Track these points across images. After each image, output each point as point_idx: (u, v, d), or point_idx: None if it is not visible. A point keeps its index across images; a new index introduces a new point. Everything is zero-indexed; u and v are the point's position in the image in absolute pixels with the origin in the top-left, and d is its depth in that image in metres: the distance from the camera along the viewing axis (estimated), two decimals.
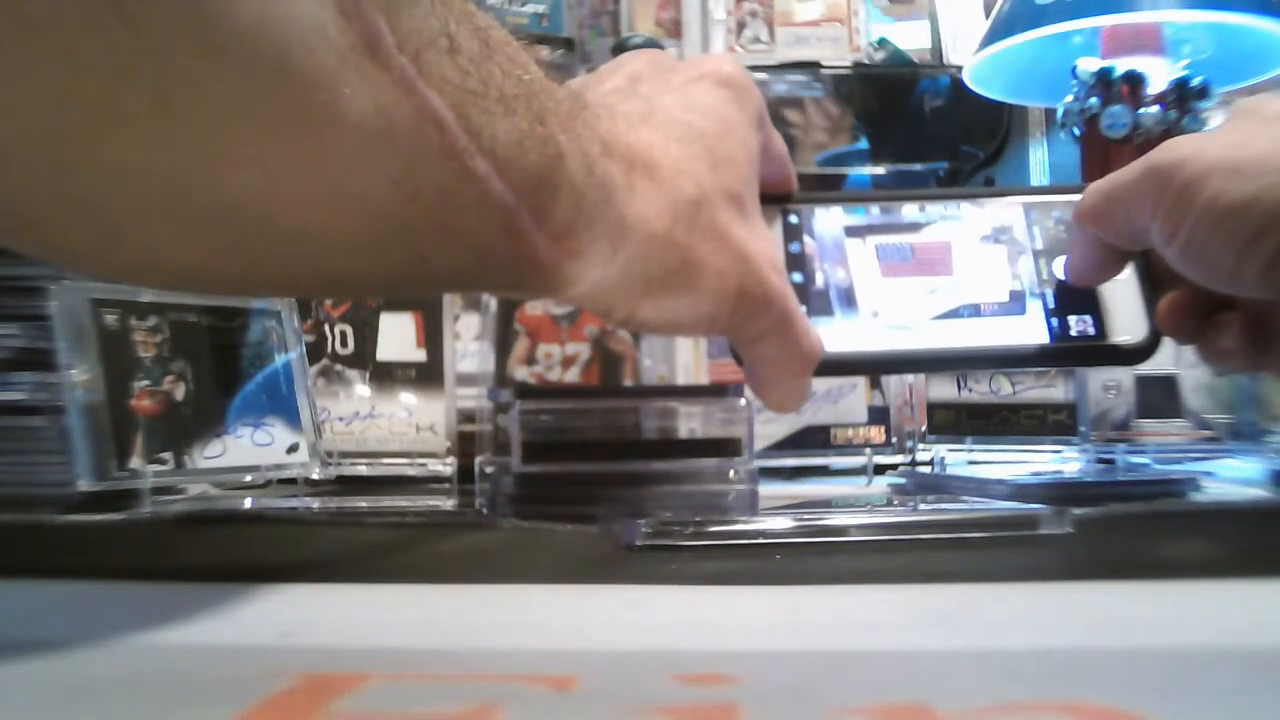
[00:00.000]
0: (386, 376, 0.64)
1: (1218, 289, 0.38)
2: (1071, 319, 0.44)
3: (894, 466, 0.68)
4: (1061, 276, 0.44)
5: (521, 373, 0.69)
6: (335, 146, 0.24)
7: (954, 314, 0.43)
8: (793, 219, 0.44)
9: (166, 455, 0.49)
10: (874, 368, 0.57)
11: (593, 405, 0.50)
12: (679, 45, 1.17)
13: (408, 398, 0.64)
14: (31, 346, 0.49)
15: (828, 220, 0.45)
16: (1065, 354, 0.44)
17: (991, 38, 0.97)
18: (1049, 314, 0.43)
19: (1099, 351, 0.44)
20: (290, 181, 0.25)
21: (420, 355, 0.65)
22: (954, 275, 0.44)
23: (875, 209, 0.46)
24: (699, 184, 0.35)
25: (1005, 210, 0.46)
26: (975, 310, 0.43)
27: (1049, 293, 0.44)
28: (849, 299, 0.43)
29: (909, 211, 0.46)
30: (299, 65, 0.23)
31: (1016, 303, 0.43)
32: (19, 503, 0.47)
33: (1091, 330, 0.43)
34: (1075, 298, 0.44)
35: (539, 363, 0.69)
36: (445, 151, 0.26)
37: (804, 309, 0.40)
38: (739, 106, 0.38)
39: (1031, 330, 0.43)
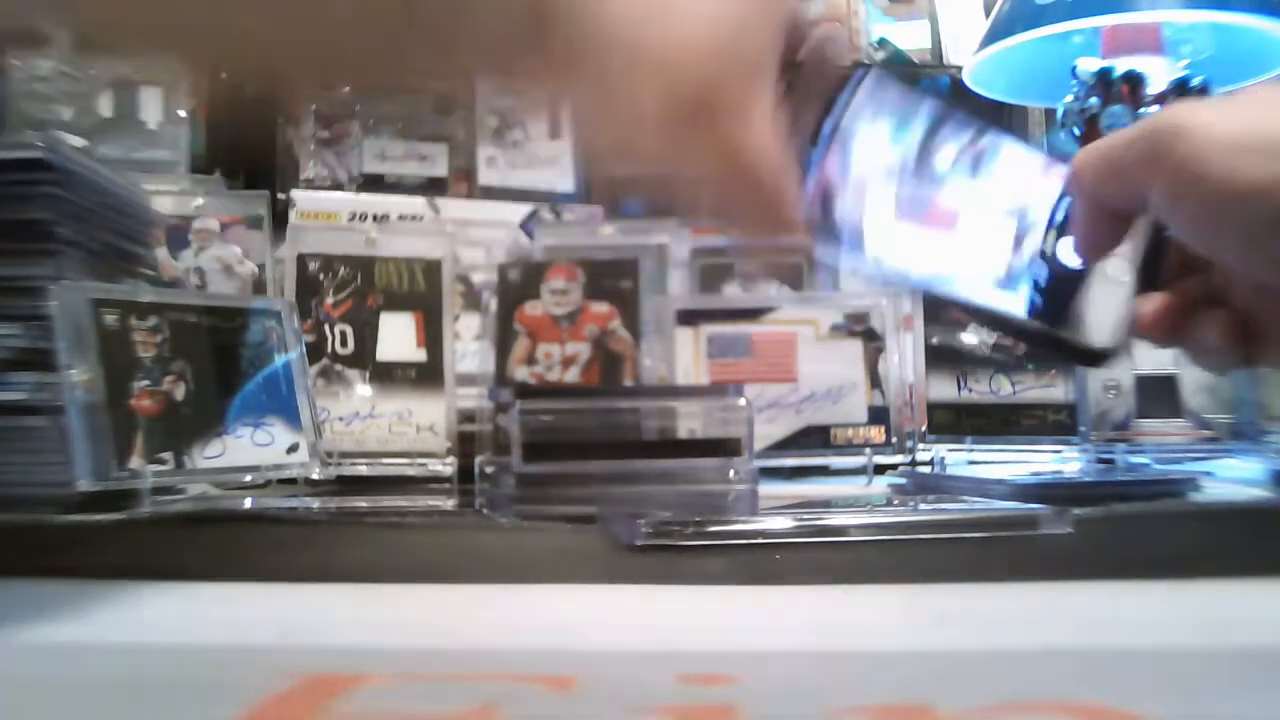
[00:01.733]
0: (386, 376, 0.64)
1: (1228, 265, 0.37)
2: (1050, 303, 0.43)
3: (894, 466, 0.68)
4: (1061, 258, 0.44)
5: (521, 373, 0.69)
6: None
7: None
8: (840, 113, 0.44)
9: (166, 455, 0.49)
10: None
11: (593, 405, 0.50)
12: None
13: (408, 398, 0.64)
14: (31, 346, 0.49)
15: (866, 138, 0.44)
16: (1027, 332, 0.43)
17: (991, 38, 0.97)
18: (1034, 290, 0.43)
19: (1059, 344, 0.43)
20: None
21: (420, 355, 0.65)
22: (958, 237, 0.44)
23: (913, 147, 0.45)
24: None
25: (1038, 181, 0.45)
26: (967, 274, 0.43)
27: (1041, 272, 0.44)
28: (857, 235, 0.43)
29: (941, 160, 0.45)
30: None
31: (1009, 278, 0.43)
32: (19, 503, 0.47)
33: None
34: (1062, 284, 0.44)
35: (539, 363, 0.69)
36: None
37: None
38: None
39: (1010, 302, 0.43)
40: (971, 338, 0.72)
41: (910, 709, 0.22)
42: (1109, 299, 0.43)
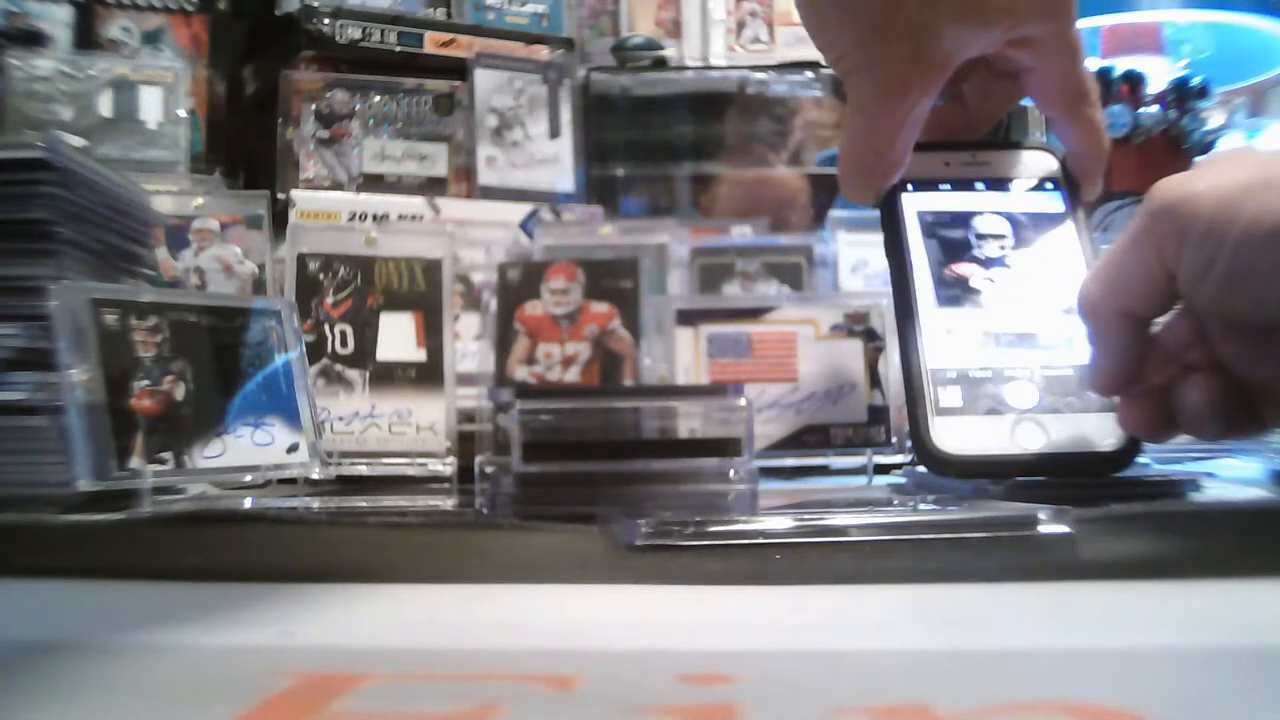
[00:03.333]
0: (386, 376, 0.64)
1: (1261, 315, 0.38)
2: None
3: (894, 466, 0.68)
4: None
5: (521, 373, 0.69)
6: None
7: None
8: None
9: (166, 455, 0.49)
10: None
11: (593, 405, 0.50)
12: (679, 45, 1.17)
13: (408, 398, 0.64)
14: (31, 346, 0.49)
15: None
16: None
17: None
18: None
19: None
20: None
21: (420, 355, 0.65)
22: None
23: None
24: None
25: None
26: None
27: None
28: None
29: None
30: None
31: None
32: (19, 503, 0.47)
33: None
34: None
35: (539, 363, 0.69)
36: None
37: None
38: None
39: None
40: None
41: (910, 709, 0.22)
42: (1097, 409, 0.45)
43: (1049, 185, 0.51)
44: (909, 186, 0.50)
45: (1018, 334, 0.47)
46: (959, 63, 0.46)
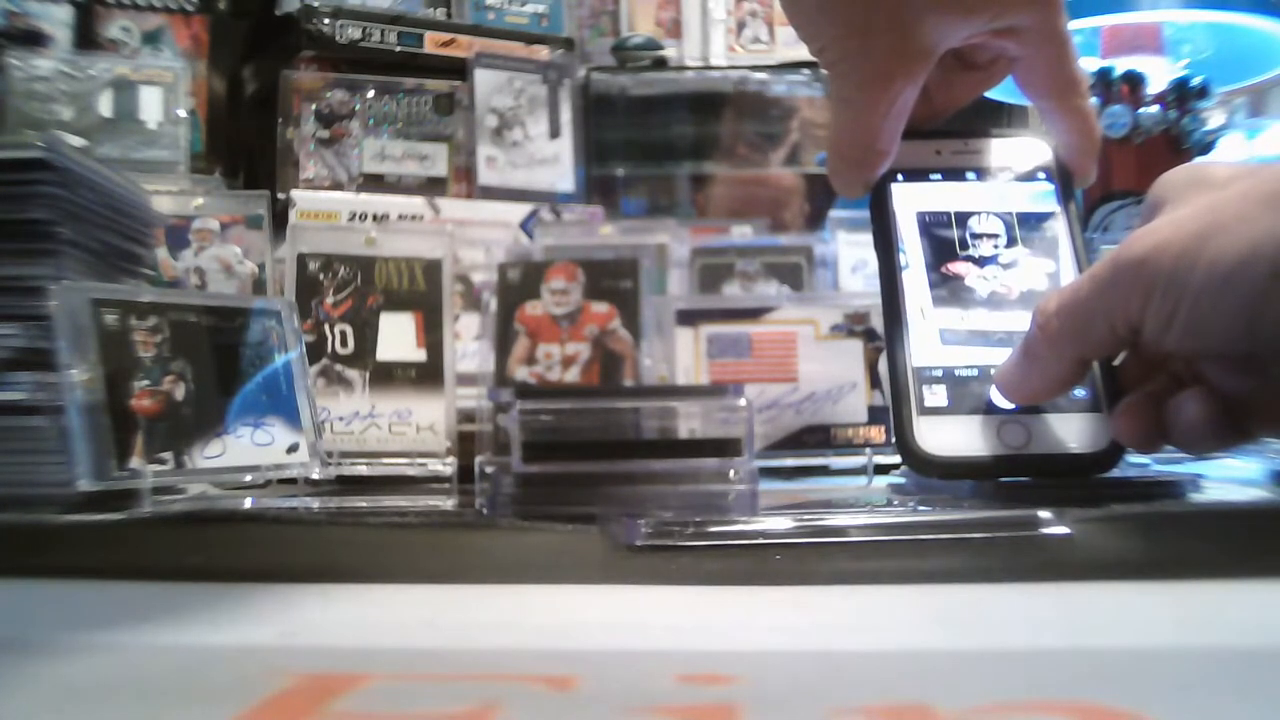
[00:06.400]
0: (386, 376, 0.64)
1: (1228, 350, 0.38)
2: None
3: (894, 466, 0.68)
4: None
5: (521, 373, 0.69)
6: None
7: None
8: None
9: (166, 455, 0.49)
10: None
11: (593, 405, 0.50)
12: (679, 45, 1.17)
13: (408, 398, 0.64)
14: (31, 346, 0.49)
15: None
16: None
17: None
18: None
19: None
20: None
21: (420, 355, 0.65)
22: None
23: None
24: None
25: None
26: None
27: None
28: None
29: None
30: None
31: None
32: (19, 503, 0.47)
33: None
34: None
35: (539, 363, 0.69)
36: None
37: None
38: None
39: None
40: None
41: (910, 709, 0.22)
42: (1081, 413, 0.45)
43: (1041, 175, 0.51)
44: (899, 176, 0.50)
45: (1006, 332, 0.47)
46: (943, 51, 0.46)
